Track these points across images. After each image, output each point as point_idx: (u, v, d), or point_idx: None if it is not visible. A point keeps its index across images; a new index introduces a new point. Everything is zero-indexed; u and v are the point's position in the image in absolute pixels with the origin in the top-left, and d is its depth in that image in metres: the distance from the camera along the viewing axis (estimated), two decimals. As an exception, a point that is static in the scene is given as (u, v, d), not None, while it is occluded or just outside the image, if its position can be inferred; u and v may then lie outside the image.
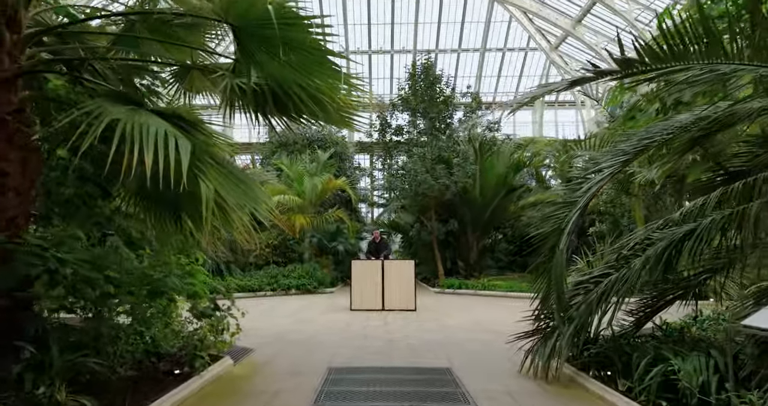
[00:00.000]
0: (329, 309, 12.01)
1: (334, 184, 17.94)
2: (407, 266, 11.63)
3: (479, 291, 16.46)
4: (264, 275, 16.69)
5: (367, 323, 9.61)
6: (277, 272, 16.91)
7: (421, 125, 18.99)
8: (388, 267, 11.53)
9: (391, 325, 9.45)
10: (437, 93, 18.89)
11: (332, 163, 20.19)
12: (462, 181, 17.54)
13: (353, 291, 11.62)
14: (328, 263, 19.32)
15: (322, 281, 17.36)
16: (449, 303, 13.57)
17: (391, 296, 11.41)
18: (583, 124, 34.83)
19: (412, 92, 18.64)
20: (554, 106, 37.11)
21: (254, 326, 8.87)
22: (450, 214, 20.32)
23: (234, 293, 7.64)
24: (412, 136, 19.34)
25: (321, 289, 17.04)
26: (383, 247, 13.39)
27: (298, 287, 16.70)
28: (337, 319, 10.21)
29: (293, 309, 12.07)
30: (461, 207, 19.31)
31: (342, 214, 18.62)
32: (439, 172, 18.22)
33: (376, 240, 13.69)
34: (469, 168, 17.51)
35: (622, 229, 15.85)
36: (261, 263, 18.10)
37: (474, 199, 18.69)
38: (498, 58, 33.68)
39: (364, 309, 11.45)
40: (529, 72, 34.94)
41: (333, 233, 21.21)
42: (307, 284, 16.81)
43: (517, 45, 33.28)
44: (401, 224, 22.37)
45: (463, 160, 17.47)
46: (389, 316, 10.70)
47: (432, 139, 19.12)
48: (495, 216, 19.04)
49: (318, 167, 18.97)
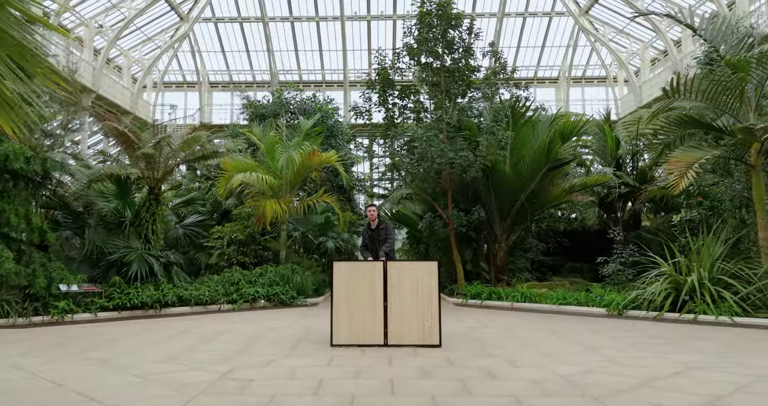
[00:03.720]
0: (298, 344, 7.24)
1: (319, 159, 13.33)
2: (426, 272, 6.95)
3: (518, 304, 11.87)
4: (221, 280, 12.09)
5: (355, 389, 4.69)
6: (240, 276, 12.28)
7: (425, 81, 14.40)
8: (394, 273, 6.93)
9: (406, 393, 4.72)
10: (456, 41, 14.31)
11: (318, 131, 15.54)
12: (492, 154, 12.94)
13: (336, 314, 6.92)
14: (313, 264, 14.70)
15: (302, 289, 12.79)
16: (488, 328, 8.92)
17: (399, 322, 6.78)
18: (616, 102, 30.20)
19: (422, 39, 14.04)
20: (581, 82, 32.56)
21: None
22: (471, 199, 15.73)
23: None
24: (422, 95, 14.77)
25: (300, 300, 12.47)
26: (383, 233, 8.50)
27: (269, 297, 12.13)
28: (299, 375, 5.19)
29: (237, 345, 7.14)
30: (486, 190, 14.71)
31: (330, 199, 14.00)
32: (460, 144, 13.65)
33: (372, 223, 8.60)
34: (501, 135, 12.88)
35: (726, 216, 11.24)
36: (224, 264, 13.48)
37: (504, 179, 14.09)
38: (518, 25, 29.13)
39: (353, 344, 6.78)
40: (553, 41, 30.40)
41: (321, 225, 16.63)
42: (281, 294, 12.25)
43: (540, 9, 28.66)
44: (408, 215, 17.76)
45: (494, 122, 12.83)
46: (397, 362, 5.88)
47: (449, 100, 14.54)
48: (532, 202, 14.40)
49: (299, 137, 14.34)
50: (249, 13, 31.24)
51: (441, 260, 16.67)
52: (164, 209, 11.83)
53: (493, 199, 14.69)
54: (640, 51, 28.00)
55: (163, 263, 11.43)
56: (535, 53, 31.18)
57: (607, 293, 11.39)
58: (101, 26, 25.96)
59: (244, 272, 12.67)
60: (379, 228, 8.52)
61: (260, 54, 33.45)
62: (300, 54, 33.81)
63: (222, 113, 32.25)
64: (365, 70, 34.19)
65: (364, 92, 14.89)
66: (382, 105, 15.01)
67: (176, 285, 11.26)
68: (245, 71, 34.96)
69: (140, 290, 10.53)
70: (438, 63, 14.37)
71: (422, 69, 14.41)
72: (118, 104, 27.24)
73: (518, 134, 13.83)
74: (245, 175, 12.62)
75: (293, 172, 13.05)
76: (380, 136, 15.49)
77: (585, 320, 9.89)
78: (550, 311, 11.25)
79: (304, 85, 35.23)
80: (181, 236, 13.56)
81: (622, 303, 10.29)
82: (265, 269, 12.89)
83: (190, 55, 32.62)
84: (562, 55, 31.30)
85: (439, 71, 14.40)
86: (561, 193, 14.50)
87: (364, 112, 15.11)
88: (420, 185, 15.10)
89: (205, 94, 33.55)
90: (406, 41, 14.56)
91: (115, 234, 11.57)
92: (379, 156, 17.07)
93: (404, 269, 6.88)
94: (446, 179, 14.27)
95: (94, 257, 11.07)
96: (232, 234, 13.46)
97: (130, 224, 11.56)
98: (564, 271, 17.28)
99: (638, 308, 10.21)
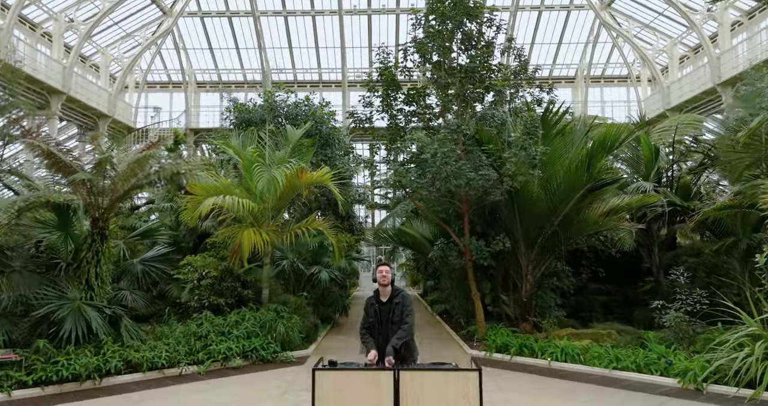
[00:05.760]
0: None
1: (309, 179, 10.87)
2: (463, 386, 4.49)
3: (557, 364, 9.47)
4: (185, 333, 9.65)
5: None
6: (209, 327, 9.84)
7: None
8: (411, 388, 4.43)
9: None
10: (474, 34, 11.91)
11: (309, 143, 13.05)
12: (523, 174, 10.52)
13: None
14: (303, 303, 12.27)
15: (289, 339, 10.37)
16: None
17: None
18: (639, 104, 27.71)
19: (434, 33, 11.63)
20: (600, 82, 30.07)
21: None
22: (489, 221, 13.34)
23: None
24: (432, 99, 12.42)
25: (284, 355, 10.05)
26: (397, 310, 5.54)
27: (245, 353, 9.72)
28: None
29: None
30: (510, 213, 12.31)
31: (323, 226, 11.57)
32: (480, 159, 11.26)
33: (381, 290, 5.65)
34: (532, 150, 10.44)
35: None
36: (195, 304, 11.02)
37: (531, 200, 11.68)
38: (533, 20, 26.65)
39: None
40: (570, 38, 27.94)
41: (313, 251, 14.21)
42: (261, 349, 9.84)
43: (558, 2, 26.17)
44: (414, 236, 15.32)
45: (526, 135, 10.39)
46: None
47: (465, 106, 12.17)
48: (566, 228, 11.98)
49: (284, 151, 11.90)
50: (238, 7, 28.74)
51: (455, 292, 14.31)
52: (111, 245, 9.38)
53: (518, 223, 12.27)
54: (667, 48, 25.54)
55: (109, 315, 8.97)
56: (551, 50, 28.78)
57: (673, 354, 8.99)
58: (72, 20, 23.46)
59: (216, 319, 10.23)
60: (392, 301, 5.54)
61: (251, 51, 31.00)
62: (294, 51, 31.34)
63: (210, 116, 29.81)
64: (365, 69, 31.70)
65: (365, 96, 12.46)
66: (386, 111, 12.62)
67: (125, 344, 8.82)
68: (235, 70, 32.48)
69: (74, 356, 8.11)
70: (454, 61, 11.96)
71: (434, 69, 11.98)
72: (94, 107, 24.76)
73: (549, 146, 11.37)
74: (218, 199, 10.19)
75: (276, 197, 10.59)
76: (384, 145, 13.05)
77: (653, 399, 7.48)
78: (600, 376, 8.84)
79: (299, 86, 32.77)
80: (139, 274, 11.10)
81: (700, 375, 7.89)
82: (243, 316, 10.47)
83: (174, 52, 30.13)
84: (579, 52, 28.84)
85: (454, 72, 11.98)
86: (599, 217, 12.04)
87: (365, 120, 12.72)
88: (432, 208, 12.70)
89: (191, 95, 31.06)
90: (414, 35, 12.15)
91: (51, 278, 9.12)
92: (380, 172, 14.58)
93: (427, 383, 4.44)
94: (462, 200, 11.87)
95: (19, 311, 8.63)
96: (203, 270, 11.00)
97: (68, 265, 9.11)
98: (588, 293, 14.87)
99: (722, 381, 7.83)
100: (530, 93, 13.00)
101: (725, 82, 20.71)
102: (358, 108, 12.74)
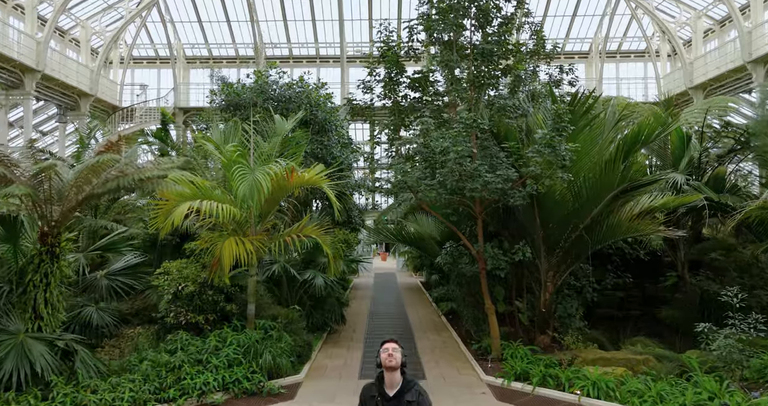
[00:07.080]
0: None
1: (299, 181, 9.36)
2: None
3: (587, 401, 8.11)
4: (155, 364, 8.29)
5: None
6: (184, 357, 8.46)
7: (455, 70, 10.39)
8: None
9: None
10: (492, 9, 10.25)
11: (299, 137, 11.45)
12: (550, 176, 9.01)
13: None
14: (296, 316, 10.89)
15: (276, 366, 9.01)
16: None
17: None
18: (658, 81, 25.89)
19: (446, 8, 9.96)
20: (615, 57, 28.16)
21: None
22: (502, 221, 11.87)
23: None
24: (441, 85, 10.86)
25: (271, 385, 8.69)
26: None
27: (226, 386, 8.36)
28: None
29: None
30: (529, 214, 10.85)
31: (316, 232, 10.09)
32: (497, 157, 9.77)
33: (388, 377, 3.75)
34: (561, 149, 8.89)
35: None
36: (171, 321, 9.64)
37: (554, 201, 10.22)
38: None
39: None
40: (586, 10, 25.96)
41: (308, 251, 12.82)
42: (245, 379, 8.49)
43: (573, -30, 24.17)
44: (420, 235, 13.87)
45: (555, 131, 8.83)
46: None
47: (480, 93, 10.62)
48: (594, 234, 10.52)
49: (272, 145, 10.35)
50: (229, -24, 26.72)
51: (464, 299, 12.93)
52: (65, 265, 7.92)
53: (537, 225, 10.81)
54: (691, 21, 23.62)
55: (62, 348, 7.59)
56: (564, 23, 26.86)
57: (726, 392, 7.63)
58: (45, -10, 21.56)
59: (193, 345, 8.85)
60: (402, 398, 3.70)
61: (243, 25, 28.98)
62: (290, 25, 29.32)
63: (200, 94, 27.94)
64: (365, 43, 29.74)
65: (364, 81, 10.86)
66: (388, 97, 11.06)
67: (81, 384, 7.45)
68: (227, 45, 30.49)
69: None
70: (467, 40, 10.34)
71: (444, 50, 10.35)
72: (74, 86, 23.01)
73: (575, 141, 9.79)
74: (195, 204, 8.71)
75: (261, 202, 9.10)
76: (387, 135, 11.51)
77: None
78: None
79: (294, 61, 30.86)
80: (104, 289, 9.69)
81: (769, 429, 6.56)
82: (224, 339, 9.10)
83: (161, 25, 28.15)
84: (595, 25, 26.88)
85: (467, 53, 10.37)
86: (632, 221, 10.55)
87: (365, 109, 11.18)
88: (440, 210, 11.25)
89: (180, 72, 29.16)
90: (422, 11, 10.48)
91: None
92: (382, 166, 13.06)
93: None
94: (476, 201, 10.40)
95: (-49, 348, 7.25)
96: (179, 284, 9.58)
97: (11, 290, 7.68)
98: (604, 289, 13.49)
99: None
100: (547, 73, 11.48)
101: (757, 59, 18.94)
102: (357, 94, 11.17)
